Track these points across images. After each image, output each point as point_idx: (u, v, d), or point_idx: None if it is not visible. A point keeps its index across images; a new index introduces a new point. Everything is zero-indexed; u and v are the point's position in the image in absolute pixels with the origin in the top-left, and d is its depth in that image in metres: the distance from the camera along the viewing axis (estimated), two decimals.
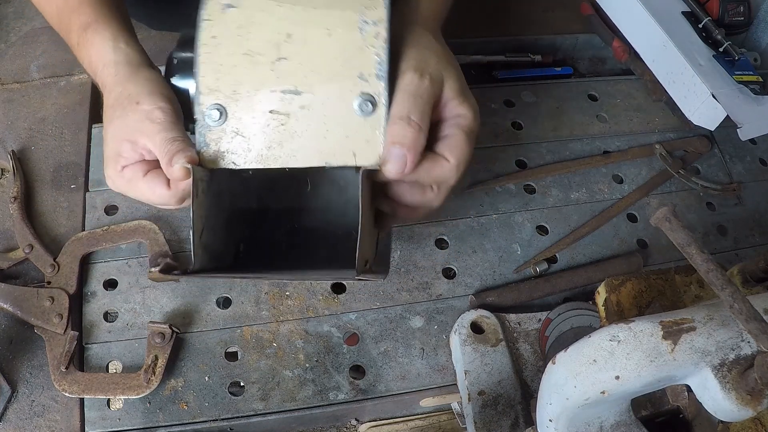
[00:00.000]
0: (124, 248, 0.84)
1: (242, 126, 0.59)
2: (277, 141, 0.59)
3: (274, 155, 0.59)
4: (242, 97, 0.58)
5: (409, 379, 0.80)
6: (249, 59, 0.58)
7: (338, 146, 0.58)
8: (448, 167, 0.59)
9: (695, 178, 0.98)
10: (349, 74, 0.58)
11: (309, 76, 0.58)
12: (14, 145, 0.91)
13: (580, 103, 1.04)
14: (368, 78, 0.57)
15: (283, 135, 0.59)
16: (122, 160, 0.60)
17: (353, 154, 0.59)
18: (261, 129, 0.59)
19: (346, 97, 0.58)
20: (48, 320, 0.77)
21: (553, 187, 0.95)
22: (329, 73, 0.58)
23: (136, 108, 0.59)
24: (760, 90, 0.95)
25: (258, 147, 0.59)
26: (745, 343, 0.48)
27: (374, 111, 0.58)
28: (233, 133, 0.59)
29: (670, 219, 0.51)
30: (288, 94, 0.58)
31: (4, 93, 0.96)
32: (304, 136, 0.58)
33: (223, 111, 0.58)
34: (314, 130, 0.58)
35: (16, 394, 0.75)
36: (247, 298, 0.82)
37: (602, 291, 0.64)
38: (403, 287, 0.85)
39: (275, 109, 0.58)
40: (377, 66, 0.57)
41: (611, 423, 0.54)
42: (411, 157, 0.56)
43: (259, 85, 0.58)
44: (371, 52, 0.57)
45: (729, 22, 1.05)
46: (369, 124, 0.58)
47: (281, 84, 0.58)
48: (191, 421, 0.75)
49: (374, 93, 0.57)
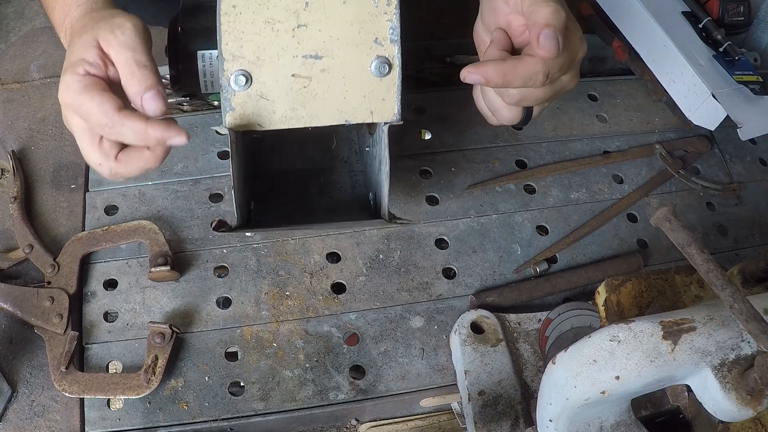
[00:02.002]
0: (124, 248, 0.84)
1: (266, 90, 0.63)
2: (300, 102, 0.63)
3: (298, 116, 0.64)
4: (265, 63, 0.62)
5: (409, 379, 0.80)
6: (270, 27, 0.62)
7: (357, 105, 0.64)
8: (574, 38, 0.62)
9: (695, 178, 0.98)
10: (365, 39, 0.63)
11: (328, 42, 0.62)
12: (14, 145, 0.91)
13: (580, 103, 1.04)
14: (383, 42, 0.63)
15: (306, 97, 0.63)
16: (86, 65, 0.57)
17: (371, 113, 0.65)
18: (284, 92, 0.63)
19: (363, 60, 0.63)
20: (48, 320, 0.77)
21: (553, 187, 0.95)
22: (347, 38, 0.62)
23: (109, 20, 0.58)
24: (760, 90, 0.95)
25: (282, 109, 0.63)
26: (745, 343, 0.48)
27: (389, 72, 0.63)
28: (258, 96, 0.63)
29: (670, 219, 0.51)
30: (309, 58, 0.63)
31: (4, 93, 0.96)
32: (325, 98, 0.64)
33: (248, 76, 0.62)
34: (334, 91, 0.63)
35: (16, 394, 0.75)
36: (247, 298, 0.82)
37: (602, 291, 0.64)
38: (403, 287, 0.85)
39: (297, 73, 0.63)
40: (391, 31, 0.63)
41: (611, 423, 0.54)
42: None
43: (281, 51, 0.62)
44: (384, 18, 0.62)
45: (729, 22, 1.05)
46: (385, 85, 0.63)
47: (302, 49, 0.62)
48: (191, 421, 0.75)
49: (389, 56, 0.63)
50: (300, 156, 0.90)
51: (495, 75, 0.60)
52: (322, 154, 0.90)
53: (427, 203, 0.91)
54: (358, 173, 0.89)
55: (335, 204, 0.86)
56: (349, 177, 0.88)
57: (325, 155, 0.89)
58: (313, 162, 0.90)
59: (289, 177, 0.87)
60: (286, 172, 0.87)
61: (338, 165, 0.89)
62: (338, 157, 0.89)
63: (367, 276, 0.85)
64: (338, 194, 0.87)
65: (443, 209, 0.91)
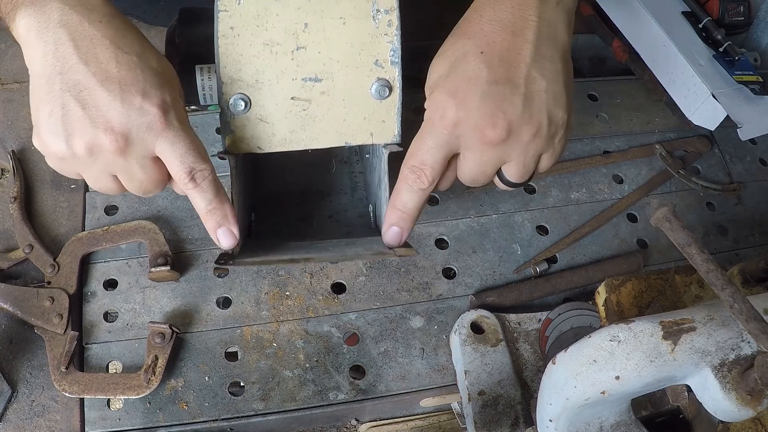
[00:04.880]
0: (124, 248, 0.84)
1: (266, 113, 0.62)
2: (300, 125, 0.63)
3: (297, 138, 0.63)
4: (264, 86, 0.61)
5: (409, 379, 0.80)
6: (269, 49, 0.61)
7: (357, 128, 0.63)
8: None
9: (695, 178, 0.98)
10: (365, 61, 0.62)
11: (328, 64, 0.61)
12: (14, 145, 0.91)
13: (580, 103, 1.04)
14: (383, 64, 0.62)
15: (305, 119, 0.63)
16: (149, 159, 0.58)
17: (371, 134, 0.64)
18: (284, 115, 0.62)
19: (364, 83, 0.62)
20: (48, 320, 0.77)
21: (553, 187, 0.95)
22: (347, 60, 0.62)
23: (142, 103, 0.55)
24: (760, 90, 0.95)
25: (282, 132, 0.63)
26: (745, 343, 0.48)
27: (390, 95, 0.63)
28: (257, 119, 0.62)
29: (670, 219, 0.51)
30: (308, 81, 0.62)
31: (4, 93, 0.96)
32: (325, 120, 0.63)
33: (247, 100, 0.61)
34: (334, 113, 0.63)
35: (16, 394, 0.75)
36: (247, 298, 0.82)
37: (602, 291, 0.64)
38: (403, 287, 0.85)
39: (297, 96, 0.62)
40: (392, 53, 0.62)
41: (611, 423, 0.54)
42: (405, 234, 0.64)
43: (280, 73, 0.61)
44: (385, 39, 0.62)
45: (729, 22, 1.05)
46: (385, 107, 0.63)
47: (302, 72, 0.62)
48: (191, 421, 0.75)
49: (390, 78, 0.62)
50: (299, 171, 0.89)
51: (398, 219, 0.63)
52: (322, 171, 0.89)
53: (427, 203, 0.91)
54: (358, 174, 0.88)
55: (335, 209, 0.85)
56: (349, 179, 0.88)
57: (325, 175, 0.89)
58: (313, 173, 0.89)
59: (288, 184, 0.87)
60: (285, 182, 0.87)
61: (338, 167, 0.89)
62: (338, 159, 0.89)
63: (367, 276, 0.85)
64: (338, 197, 0.87)
65: (443, 209, 0.91)
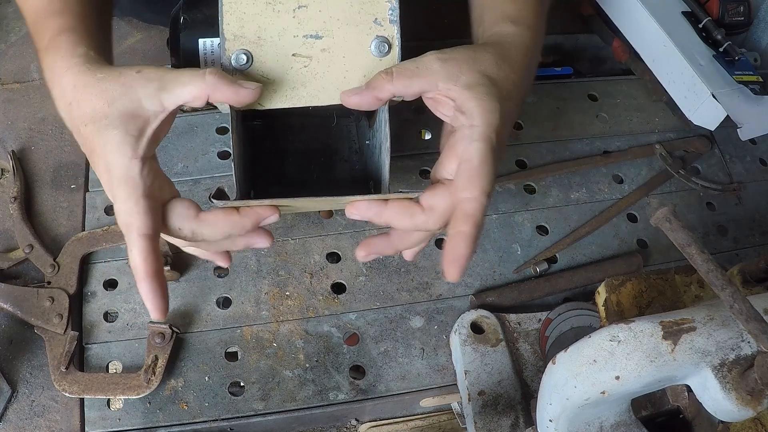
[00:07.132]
0: (124, 248, 0.84)
1: (267, 69, 0.63)
2: (301, 82, 0.64)
3: (298, 95, 0.64)
4: (266, 43, 0.63)
5: (409, 379, 0.80)
6: (271, 7, 0.63)
7: (357, 85, 0.64)
8: None
9: (695, 178, 0.98)
10: (364, 19, 0.64)
11: (328, 22, 0.63)
12: (14, 145, 0.91)
13: (580, 103, 1.04)
14: (382, 22, 0.64)
15: (306, 76, 0.64)
16: None
17: None
18: (285, 71, 0.63)
19: (363, 40, 0.64)
20: (48, 320, 0.77)
21: (553, 187, 0.95)
22: (346, 18, 0.64)
23: None
24: (760, 90, 0.95)
25: (283, 88, 0.64)
26: (745, 343, 0.48)
27: (389, 52, 0.64)
28: (259, 75, 0.63)
29: (670, 219, 0.51)
30: (309, 38, 0.63)
31: (4, 93, 0.96)
32: (326, 77, 0.64)
33: (249, 55, 0.62)
34: (335, 70, 0.64)
35: (16, 394, 0.75)
36: (247, 298, 0.82)
37: (602, 291, 0.64)
38: (403, 287, 0.85)
39: (298, 53, 0.63)
40: (390, 11, 0.64)
41: (611, 423, 0.54)
42: None
43: (282, 30, 0.63)
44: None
45: (729, 22, 1.05)
46: (384, 64, 0.64)
47: (303, 29, 0.63)
48: (191, 421, 0.75)
49: (389, 36, 0.64)
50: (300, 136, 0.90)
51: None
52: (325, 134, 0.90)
53: None
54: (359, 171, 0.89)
55: (335, 183, 0.87)
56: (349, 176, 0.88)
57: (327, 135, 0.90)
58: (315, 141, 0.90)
59: (288, 158, 0.88)
60: (285, 154, 0.88)
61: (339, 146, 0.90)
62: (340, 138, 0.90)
63: (367, 276, 0.85)
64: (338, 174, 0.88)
65: None
